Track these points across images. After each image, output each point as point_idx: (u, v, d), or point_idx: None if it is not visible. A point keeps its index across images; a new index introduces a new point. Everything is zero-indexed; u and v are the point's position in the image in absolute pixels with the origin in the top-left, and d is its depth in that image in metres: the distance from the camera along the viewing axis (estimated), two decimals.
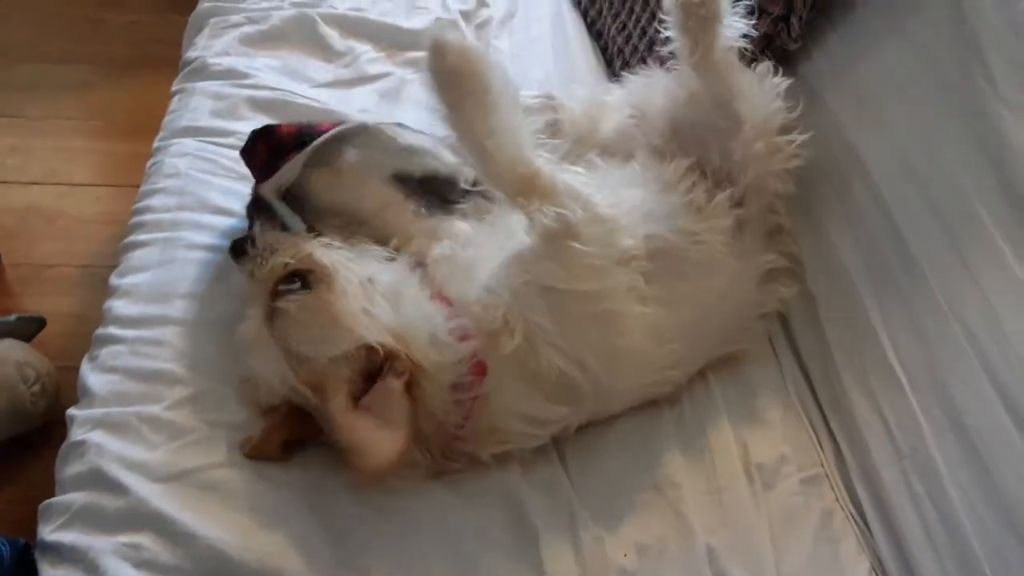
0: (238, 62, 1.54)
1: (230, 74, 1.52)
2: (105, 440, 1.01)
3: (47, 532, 0.95)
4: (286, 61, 1.58)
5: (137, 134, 1.77)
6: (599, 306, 1.03)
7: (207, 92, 1.48)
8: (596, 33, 1.77)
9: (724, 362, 1.23)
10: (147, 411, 1.04)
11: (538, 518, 1.04)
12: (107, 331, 1.14)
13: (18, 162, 2.16)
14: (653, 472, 1.11)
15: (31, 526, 0.97)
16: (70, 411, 1.06)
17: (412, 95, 1.54)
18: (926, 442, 1.05)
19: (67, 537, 0.94)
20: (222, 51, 1.57)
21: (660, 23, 1.24)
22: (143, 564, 0.92)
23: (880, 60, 1.22)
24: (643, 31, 1.58)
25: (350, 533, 1.00)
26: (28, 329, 1.66)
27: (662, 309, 1.08)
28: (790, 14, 1.30)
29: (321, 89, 1.54)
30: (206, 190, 1.31)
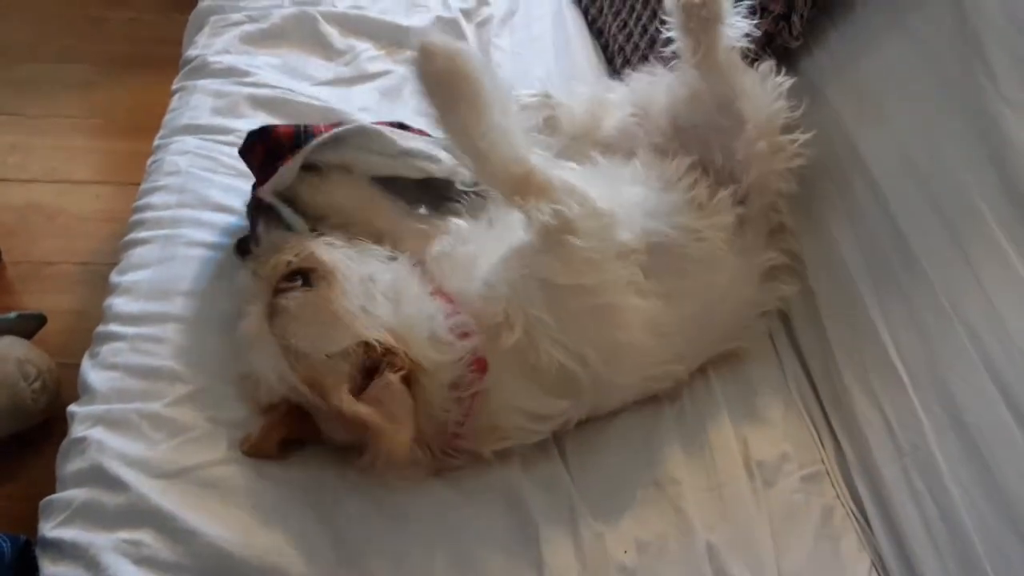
0: (239, 60, 1.54)
1: (231, 72, 1.51)
2: (106, 437, 1.00)
3: (48, 528, 0.95)
4: (286, 59, 1.58)
5: (137, 132, 1.77)
6: (598, 300, 1.03)
7: (208, 90, 1.48)
8: (597, 31, 1.77)
9: (725, 359, 1.23)
10: (147, 408, 1.04)
11: (538, 514, 1.04)
12: (107, 328, 1.13)
13: (18, 160, 2.16)
14: (653, 469, 1.11)
15: (32, 522, 0.97)
16: (71, 408, 1.06)
17: (413, 93, 1.53)
18: (927, 439, 1.05)
19: (68, 533, 0.94)
20: (223, 49, 1.57)
21: (661, 22, 1.24)
22: (143, 561, 0.92)
23: (881, 56, 1.22)
24: (644, 29, 1.58)
25: (350, 530, 1.00)
26: (29, 326, 1.66)
27: (662, 304, 1.08)
28: (791, 12, 1.30)
29: (321, 87, 1.53)
30: (206, 187, 1.31)
